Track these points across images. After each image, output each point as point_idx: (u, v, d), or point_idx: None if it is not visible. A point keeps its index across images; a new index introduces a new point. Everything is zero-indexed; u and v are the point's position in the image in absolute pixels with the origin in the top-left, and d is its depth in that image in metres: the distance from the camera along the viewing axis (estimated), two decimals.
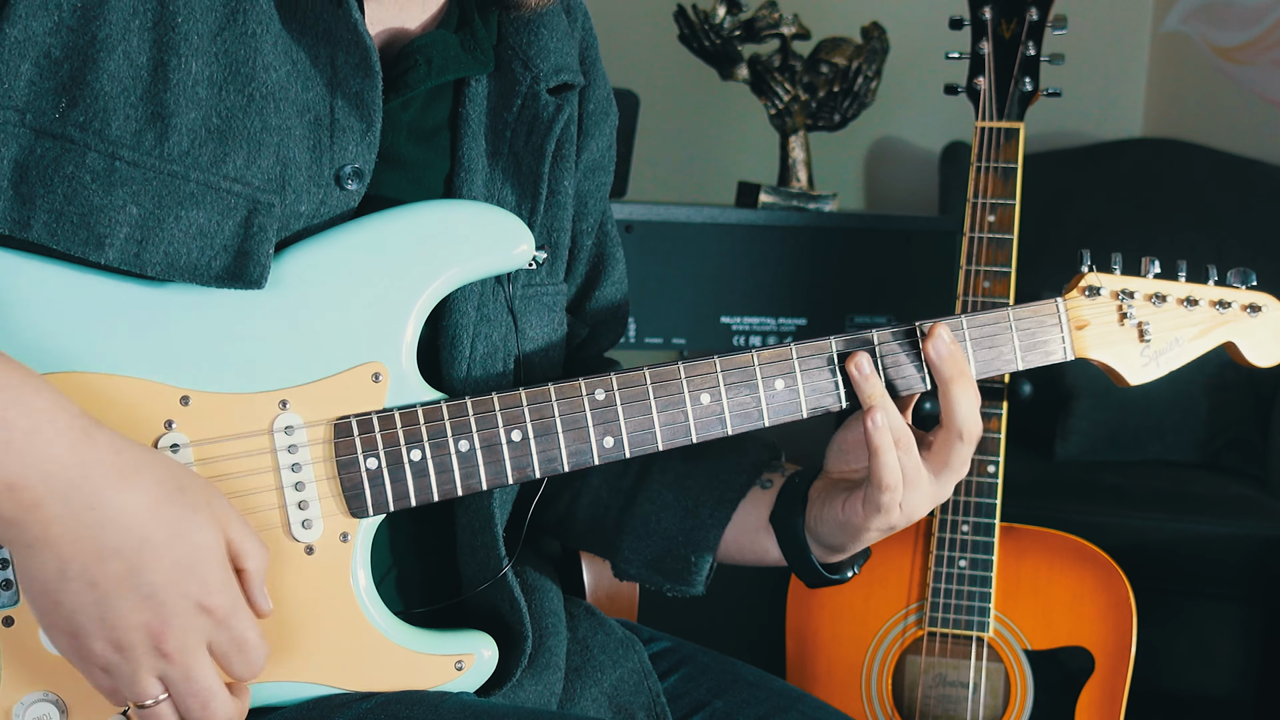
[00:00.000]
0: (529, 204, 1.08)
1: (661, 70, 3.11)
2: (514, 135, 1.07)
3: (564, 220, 1.13)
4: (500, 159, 1.07)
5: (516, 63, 1.08)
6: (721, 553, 1.17)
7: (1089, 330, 1.11)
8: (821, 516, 1.09)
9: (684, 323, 2.35)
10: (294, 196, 0.95)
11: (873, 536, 1.07)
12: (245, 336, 0.95)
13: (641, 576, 1.20)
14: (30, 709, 0.91)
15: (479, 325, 1.05)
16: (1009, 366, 1.09)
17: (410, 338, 0.98)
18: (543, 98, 1.08)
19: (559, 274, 1.14)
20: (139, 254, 0.90)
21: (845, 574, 1.14)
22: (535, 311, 1.11)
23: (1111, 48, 3.51)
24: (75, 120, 0.88)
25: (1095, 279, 1.12)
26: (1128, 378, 1.13)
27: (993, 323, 1.08)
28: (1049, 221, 3.02)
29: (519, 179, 1.07)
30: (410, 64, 1.02)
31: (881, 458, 1.02)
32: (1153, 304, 1.13)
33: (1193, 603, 2.59)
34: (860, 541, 1.08)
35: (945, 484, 1.06)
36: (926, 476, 1.04)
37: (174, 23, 0.90)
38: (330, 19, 0.96)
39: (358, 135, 0.98)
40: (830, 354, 1.04)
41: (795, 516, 1.11)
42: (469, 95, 1.06)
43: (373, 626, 0.98)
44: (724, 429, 1.03)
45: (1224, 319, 1.15)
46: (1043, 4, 1.67)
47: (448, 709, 0.96)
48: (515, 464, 0.99)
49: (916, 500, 1.04)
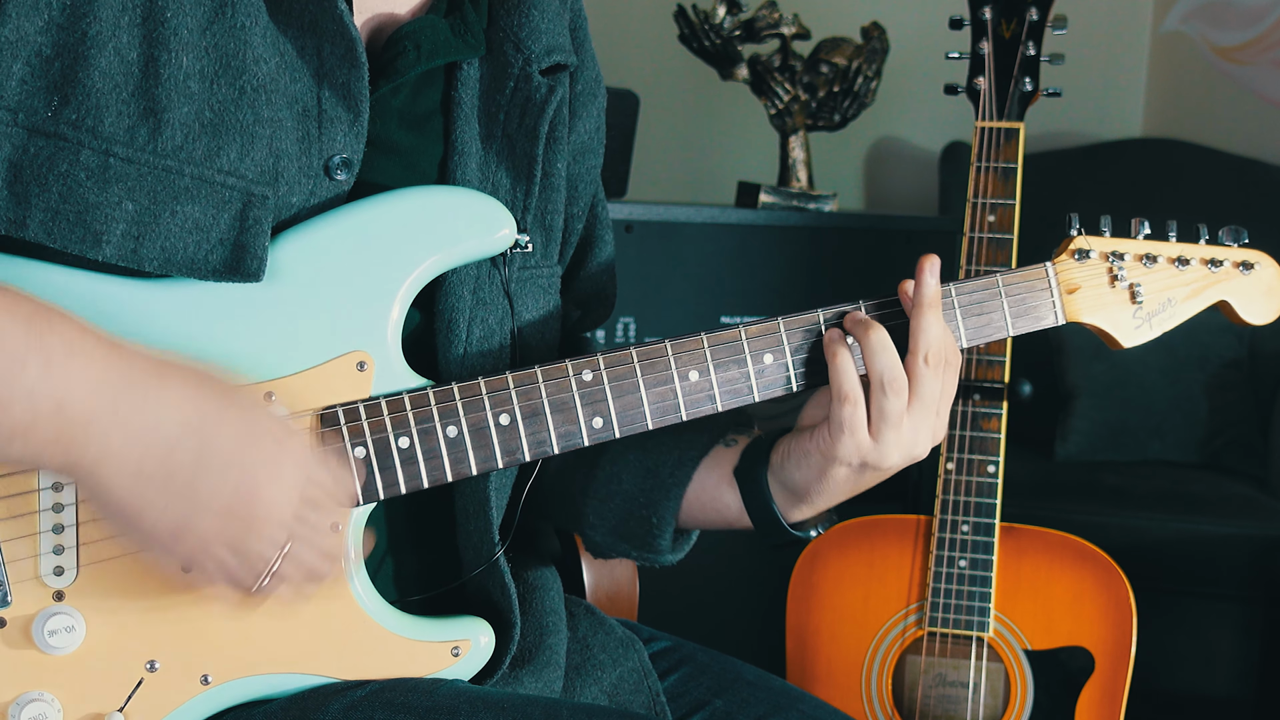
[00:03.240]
0: (524, 186, 1.08)
1: (661, 70, 3.11)
2: (507, 118, 1.07)
3: (557, 203, 1.13)
4: (494, 142, 1.07)
5: (508, 45, 1.07)
6: (684, 515, 1.15)
7: (1080, 294, 1.10)
8: (789, 451, 1.07)
9: (684, 323, 2.35)
10: (286, 188, 0.95)
11: (841, 476, 1.04)
12: (228, 329, 0.95)
13: (609, 545, 1.18)
14: (26, 709, 0.91)
15: (475, 309, 1.05)
16: (1000, 333, 1.08)
17: (394, 325, 0.98)
18: (535, 79, 1.07)
19: (553, 256, 1.14)
20: (136, 250, 0.90)
21: (808, 532, 1.11)
22: (531, 294, 1.10)
23: (1111, 48, 3.51)
24: (68, 118, 0.88)
25: (1084, 241, 1.10)
26: (1121, 340, 1.11)
27: (982, 289, 1.07)
28: (1049, 221, 3.02)
29: (513, 162, 1.07)
30: (399, 50, 1.02)
31: (838, 364, 1.01)
32: (1144, 265, 1.11)
33: (1193, 603, 2.59)
34: (827, 480, 1.05)
35: (918, 418, 1.03)
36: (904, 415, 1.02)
37: (163, 18, 0.90)
38: (316, 10, 0.96)
39: (345, 125, 0.98)
40: (818, 326, 1.04)
41: (759, 466, 1.09)
42: (461, 79, 1.06)
43: (367, 615, 0.98)
44: (714, 405, 1.02)
45: (1216, 278, 1.13)
46: (1043, 4, 1.67)
47: (443, 695, 0.96)
48: (504, 448, 0.99)
49: (890, 443, 1.02)
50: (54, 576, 0.92)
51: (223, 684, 0.96)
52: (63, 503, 0.91)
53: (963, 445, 1.71)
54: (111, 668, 0.93)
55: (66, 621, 0.92)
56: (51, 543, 0.91)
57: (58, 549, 0.92)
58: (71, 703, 0.92)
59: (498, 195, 1.07)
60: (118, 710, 0.93)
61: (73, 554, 0.92)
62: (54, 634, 0.91)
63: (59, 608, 0.92)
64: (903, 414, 1.02)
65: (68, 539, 0.92)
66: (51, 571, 0.92)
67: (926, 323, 1.02)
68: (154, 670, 0.94)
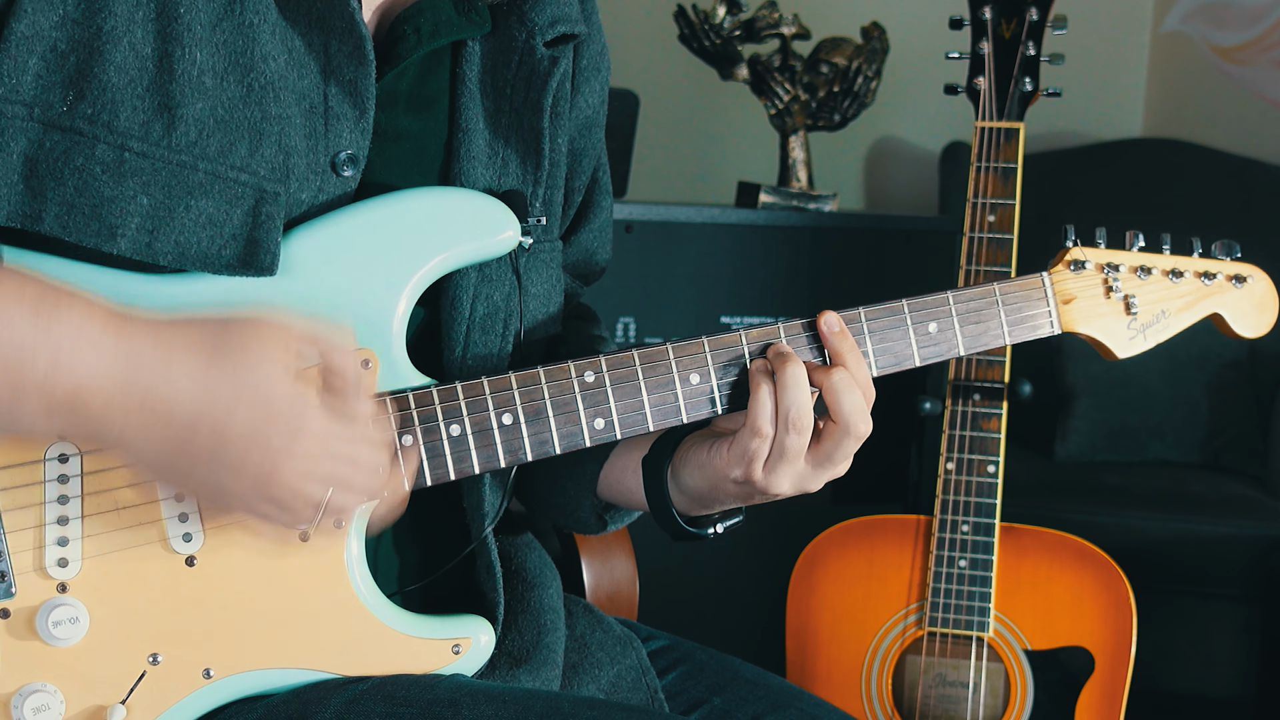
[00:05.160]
0: (533, 160, 1.08)
1: (661, 70, 3.11)
2: (514, 92, 1.07)
3: (558, 178, 1.13)
4: (502, 117, 1.07)
5: (513, 18, 1.07)
6: (601, 489, 1.15)
7: (1075, 304, 1.11)
8: (686, 457, 1.06)
9: (684, 323, 2.35)
10: (296, 184, 0.96)
11: (730, 490, 1.04)
12: None
13: (546, 516, 1.21)
14: (29, 700, 0.92)
15: (480, 285, 1.05)
16: (996, 342, 1.09)
17: (399, 324, 0.99)
18: (538, 51, 1.07)
19: (554, 231, 1.14)
20: (150, 244, 0.90)
21: (704, 530, 1.10)
22: (536, 269, 1.11)
23: (1111, 48, 3.51)
24: (83, 113, 0.89)
25: (1080, 253, 1.12)
26: (1115, 351, 1.13)
27: (979, 298, 1.08)
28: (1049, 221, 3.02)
29: (520, 137, 1.07)
30: (399, 34, 1.02)
31: (759, 397, 0.99)
32: (1138, 277, 1.13)
33: (1193, 603, 2.59)
34: (718, 493, 1.05)
35: (820, 474, 1.02)
36: (804, 459, 1.01)
37: (176, 13, 0.91)
38: (324, 6, 0.96)
39: (351, 122, 0.98)
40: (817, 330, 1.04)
41: (663, 459, 1.09)
42: (466, 57, 1.06)
43: (369, 612, 0.98)
44: (714, 409, 1.03)
45: (1210, 291, 1.15)
46: (1043, 4, 1.67)
47: (443, 689, 0.96)
48: (507, 447, 0.99)
49: (783, 475, 1.01)
50: (58, 568, 0.92)
51: (225, 678, 0.96)
52: (68, 494, 0.92)
53: (963, 445, 1.71)
54: (114, 660, 0.93)
55: (70, 613, 0.92)
56: (56, 534, 0.92)
57: (62, 540, 0.92)
58: (74, 694, 0.93)
59: (508, 170, 1.07)
60: (120, 702, 0.93)
61: (77, 545, 0.92)
62: (58, 625, 0.91)
63: (63, 599, 0.92)
64: (802, 453, 1.01)
65: (72, 530, 0.92)
66: (56, 563, 0.92)
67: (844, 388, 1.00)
68: (156, 663, 0.94)
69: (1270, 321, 1.18)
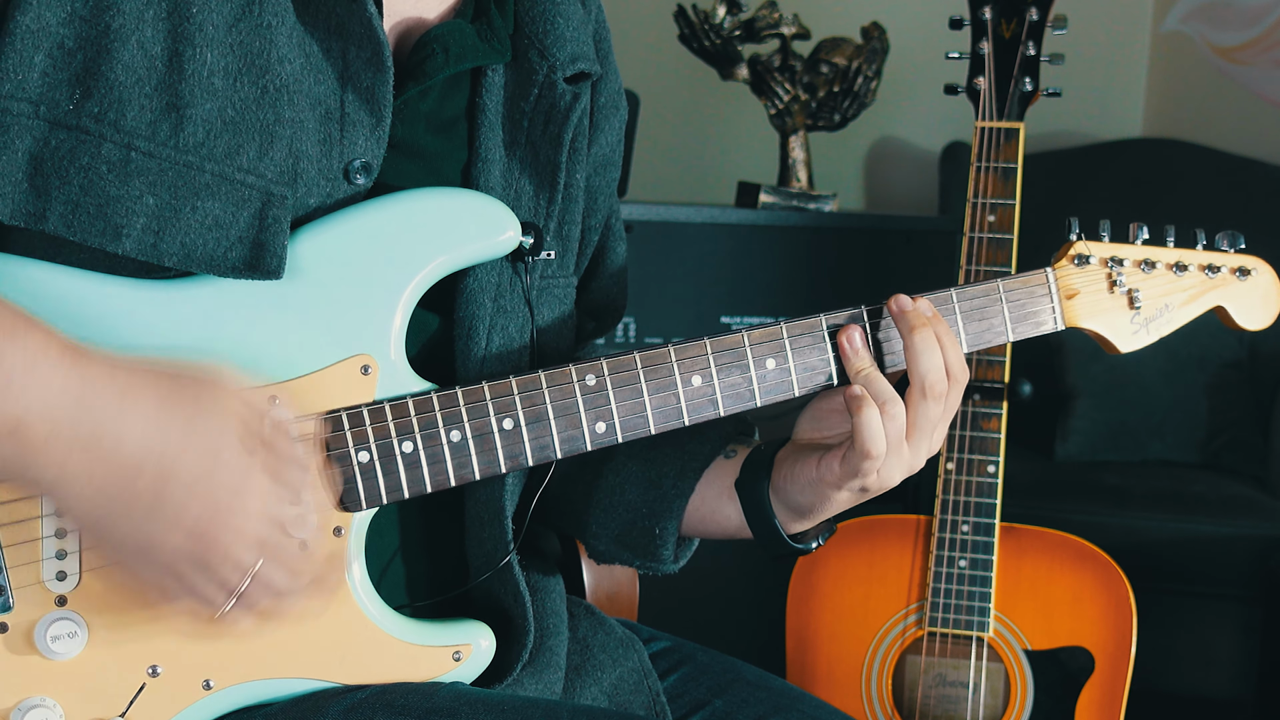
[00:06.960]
0: (547, 193, 1.07)
1: (661, 70, 3.11)
2: (531, 125, 1.07)
3: (575, 213, 1.13)
4: (518, 149, 1.07)
5: (533, 52, 1.07)
6: (686, 525, 1.15)
7: (1079, 299, 1.11)
8: (793, 475, 1.07)
9: (684, 323, 2.35)
10: (305, 189, 0.95)
11: (843, 499, 1.05)
12: (233, 332, 0.94)
13: (612, 553, 1.18)
14: (28, 714, 0.91)
15: (495, 317, 1.05)
16: (1000, 338, 1.09)
17: (398, 328, 0.98)
18: (559, 86, 1.07)
19: (569, 267, 1.14)
20: (156, 244, 0.90)
21: (809, 544, 1.11)
22: (548, 304, 1.11)
23: (1111, 48, 3.51)
24: (90, 111, 0.88)
25: (1084, 247, 1.11)
26: (1119, 345, 1.13)
27: (982, 294, 1.08)
28: (1049, 221, 3.02)
29: (536, 169, 1.07)
30: (428, 53, 1.02)
31: (867, 427, 1.00)
32: (1142, 270, 1.12)
33: (1193, 603, 2.59)
34: (829, 504, 1.06)
35: (918, 450, 1.04)
36: (904, 443, 1.03)
37: (189, 13, 0.90)
38: (344, 13, 0.96)
39: (367, 130, 0.98)
40: (821, 331, 1.04)
41: (760, 481, 1.09)
42: (486, 85, 1.06)
43: (368, 620, 0.98)
44: (716, 410, 1.03)
45: (1213, 283, 1.15)
46: (1043, 4, 1.67)
47: (442, 697, 0.96)
48: (508, 452, 0.99)
49: (893, 466, 1.02)
50: (56, 582, 0.91)
51: (224, 689, 0.95)
52: None
53: (963, 445, 1.71)
54: (113, 673, 0.93)
55: (69, 627, 0.91)
56: (54, 548, 0.91)
57: (60, 554, 0.91)
58: (74, 708, 0.92)
59: (521, 202, 1.07)
60: (120, 715, 0.92)
61: (75, 559, 0.92)
62: (56, 639, 0.91)
63: (61, 613, 0.91)
64: (914, 452, 1.03)
65: (70, 544, 0.91)
66: (54, 576, 0.91)
67: (924, 345, 1.02)
68: (156, 675, 0.94)
69: (1274, 314, 1.17)
